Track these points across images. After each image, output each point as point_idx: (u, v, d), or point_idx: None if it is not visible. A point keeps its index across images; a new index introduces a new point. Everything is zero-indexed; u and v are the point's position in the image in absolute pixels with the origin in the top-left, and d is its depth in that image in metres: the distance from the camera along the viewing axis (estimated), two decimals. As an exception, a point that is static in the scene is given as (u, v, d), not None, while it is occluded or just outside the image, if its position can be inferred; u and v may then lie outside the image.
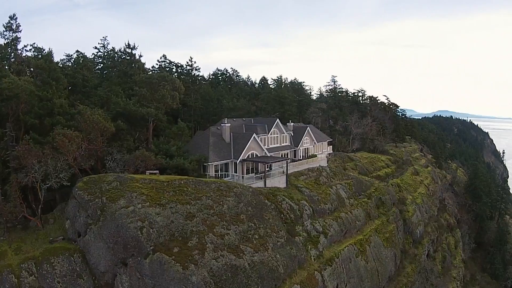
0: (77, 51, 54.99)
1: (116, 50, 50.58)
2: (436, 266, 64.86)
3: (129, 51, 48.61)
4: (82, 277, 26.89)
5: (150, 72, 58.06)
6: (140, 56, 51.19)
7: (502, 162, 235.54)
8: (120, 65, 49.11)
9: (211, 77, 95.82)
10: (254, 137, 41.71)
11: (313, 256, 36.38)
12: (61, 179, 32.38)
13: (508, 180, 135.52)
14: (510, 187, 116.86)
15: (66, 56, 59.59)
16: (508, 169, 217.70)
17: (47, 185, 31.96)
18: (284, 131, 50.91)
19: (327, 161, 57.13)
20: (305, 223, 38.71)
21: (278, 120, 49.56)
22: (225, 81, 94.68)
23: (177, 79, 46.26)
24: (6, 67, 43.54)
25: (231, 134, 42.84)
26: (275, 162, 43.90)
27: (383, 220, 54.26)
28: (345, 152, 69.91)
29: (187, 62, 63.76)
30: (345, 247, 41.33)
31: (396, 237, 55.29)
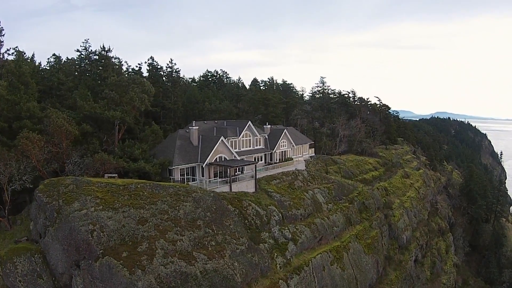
0: (53, 54, 55.71)
1: (92, 53, 50.62)
2: (424, 272, 62.98)
3: (104, 53, 48.48)
4: (42, 278, 27.21)
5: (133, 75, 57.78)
6: (115, 58, 51.09)
7: (500, 163, 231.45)
8: (94, 68, 49.24)
9: (201, 78, 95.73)
10: (222, 140, 40.62)
11: (279, 264, 34.87)
12: (24, 181, 32.71)
13: (506, 181, 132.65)
14: (508, 189, 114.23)
15: (53, 58, 60.01)
16: (506, 171, 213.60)
17: (12, 187, 32.28)
18: (258, 134, 49.61)
19: (307, 164, 55.85)
20: (272, 229, 37.34)
21: (250, 122, 48.33)
22: (215, 82, 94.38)
23: (147, 81, 45.78)
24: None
25: (200, 137, 41.82)
26: (242, 165, 42.54)
27: (365, 225, 52.67)
28: (330, 155, 68.59)
29: (167, 64, 63.42)
30: (317, 255, 39.69)
31: (380, 243, 53.65)
